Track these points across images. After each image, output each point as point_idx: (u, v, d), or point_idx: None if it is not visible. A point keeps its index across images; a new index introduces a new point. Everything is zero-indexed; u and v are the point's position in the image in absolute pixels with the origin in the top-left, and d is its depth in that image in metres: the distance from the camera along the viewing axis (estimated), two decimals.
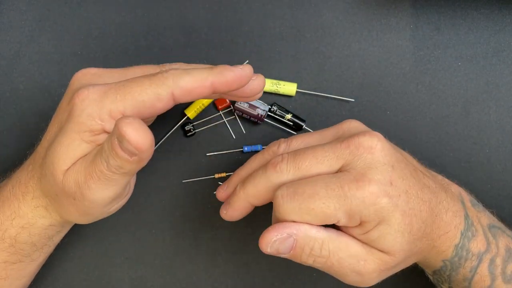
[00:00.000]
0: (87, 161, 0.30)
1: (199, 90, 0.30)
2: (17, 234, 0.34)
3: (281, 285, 0.43)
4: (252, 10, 0.44)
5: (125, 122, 0.26)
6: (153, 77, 0.30)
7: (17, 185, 0.34)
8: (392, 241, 0.30)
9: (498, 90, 0.44)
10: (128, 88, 0.29)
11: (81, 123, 0.30)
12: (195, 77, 0.30)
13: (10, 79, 0.44)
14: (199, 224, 0.43)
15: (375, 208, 0.29)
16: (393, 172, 0.30)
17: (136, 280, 0.43)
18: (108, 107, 0.29)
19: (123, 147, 0.27)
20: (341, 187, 0.29)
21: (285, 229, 0.30)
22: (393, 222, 0.30)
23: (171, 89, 0.29)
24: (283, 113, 0.43)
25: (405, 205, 0.30)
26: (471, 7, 0.44)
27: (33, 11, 0.44)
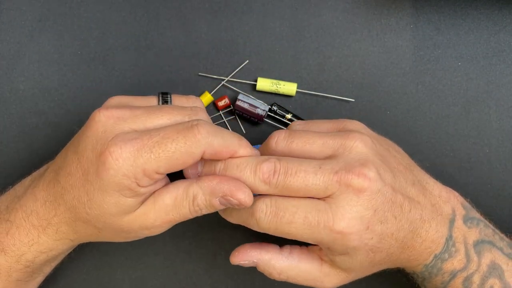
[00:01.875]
0: (166, 211, 0.31)
1: (222, 155, 0.31)
2: (35, 258, 0.34)
3: (281, 285, 0.43)
4: (252, 10, 0.44)
5: (238, 191, 0.30)
6: (188, 133, 0.29)
7: (33, 216, 0.33)
8: (352, 267, 0.33)
9: (498, 90, 0.44)
10: (163, 147, 0.29)
11: (118, 183, 0.29)
12: (227, 143, 0.31)
13: (10, 79, 0.44)
14: (199, 224, 0.43)
15: (343, 246, 0.31)
16: (374, 217, 0.31)
17: (136, 280, 0.43)
18: (142, 167, 0.29)
19: (225, 204, 0.31)
20: (318, 223, 0.31)
21: (248, 257, 0.34)
22: (355, 257, 0.32)
23: (204, 148, 0.29)
24: (283, 113, 0.43)
25: (374, 245, 0.31)
26: (471, 7, 0.44)
27: (33, 11, 0.44)
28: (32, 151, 0.43)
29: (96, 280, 0.43)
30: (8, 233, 0.33)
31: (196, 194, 0.31)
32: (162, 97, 0.34)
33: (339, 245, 0.31)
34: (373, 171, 0.31)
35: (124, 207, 0.31)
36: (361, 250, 0.31)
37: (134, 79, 0.44)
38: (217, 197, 0.31)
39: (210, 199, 0.31)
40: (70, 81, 0.44)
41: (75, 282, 0.43)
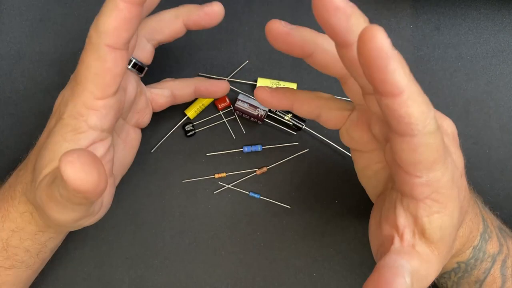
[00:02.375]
0: (48, 181, 0.28)
1: (122, 19, 0.27)
2: (8, 237, 0.34)
3: (281, 285, 0.43)
4: (252, 10, 0.44)
5: (65, 160, 0.22)
6: (84, 49, 0.29)
7: (7, 188, 0.34)
8: (439, 227, 0.25)
9: (498, 90, 0.44)
10: (80, 75, 0.28)
11: (65, 125, 0.29)
12: (107, 13, 0.27)
13: (10, 79, 0.44)
14: (199, 224, 0.43)
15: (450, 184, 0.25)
16: (458, 202, 0.26)
17: (136, 280, 0.43)
18: (80, 101, 0.28)
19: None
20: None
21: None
22: (448, 208, 0.25)
23: (102, 42, 0.28)
24: (283, 113, 0.43)
25: (456, 173, 0.26)
26: (471, 7, 0.44)
27: (33, 11, 0.44)
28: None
29: (96, 280, 0.43)
30: None
31: None
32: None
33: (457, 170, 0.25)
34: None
35: (56, 153, 0.29)
36: (454, 200, 0.25)
37: None
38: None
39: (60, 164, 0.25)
40: None
41: (75, 282, 0.43)
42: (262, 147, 0.43)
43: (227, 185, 0.43)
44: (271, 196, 0.43)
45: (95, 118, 0.29)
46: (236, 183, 0.43)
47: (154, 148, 0.43)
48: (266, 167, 0.43)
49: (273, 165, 0.43)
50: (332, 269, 0.43)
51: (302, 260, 0.43)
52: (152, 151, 0.43)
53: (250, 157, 0.43)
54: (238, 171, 0.43)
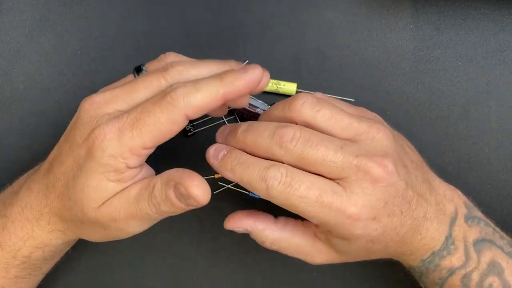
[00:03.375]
0: (128, 202, 0.31)
1: (211, 105, 0.29)
2: (31, 253, 0.34)
3: (281, 285, 0.43)
4: (252, 10, 0.44)
5: (194, 185, 0.29)
6: (162, 102, 0.29)
7: (27, 209, 0.34)
8: (346, 251, 0.33)
9: (498, 90, 0.44)
10: (142, 121, 0.29)
11: (104, 165, 0.30)
12: (206, 93, 0.29)
13: (10, 79, 0.44)
14: (199, 224, 0.43)
15: (347, 232, 0.31)
16: (383, 209, 0.31)
17: (136, 280, 0.43)
18: (128, 145, 0.29)
19: (182, 200, 0.30)
20: (331, 204, 0.30)
21: (243, 225, 0.34)
22: (354, 243, 0.32)
23: (184, 111, 0.29)
24: None
25: (375, 236, 0.31)
26: (471, 7, 0.44)
27: (33, 11, 0.44)
28: (32, 151, 0.43)
29: (96, 280, 0.43)
30: (4, 228, 0.34)
31: (155, 183, 0.30)
32: (136, 71, 0.35)
33: (344, 230, 0.31)
34: (391, 164, 0.31)
35: (104, 192, 0.30)
36: (362, 239, 0.31)
37: None
38: (172, 187, 0.30)
39: (165, 189, 0.30)
40: (70, 81, 0.44)
41: (75, 282, 0.43)
42: None
43: (227, 185, 0.43)
44: None
45: (135, 161, 0.30)
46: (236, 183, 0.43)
47: None
48: None
49: None
50: (332, 269, 0.43)
51: (302, 260, 0.43)
52: None
53: None
54: None
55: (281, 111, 0.33)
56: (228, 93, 0.29)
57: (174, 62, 0.32)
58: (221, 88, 0.29)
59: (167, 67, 0.32)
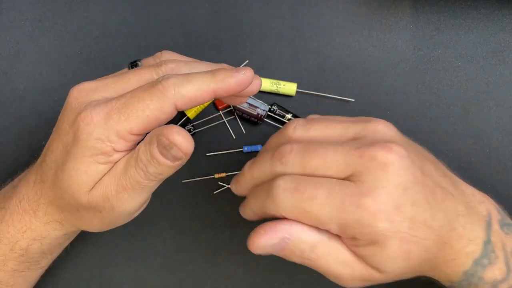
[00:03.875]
0: (117, 175, 0.30)
1: (201, 98, 0.30)
2: (28, 245, 0.34)
3: (281, 285, 0.43)
4: (252, 10, 0.44)
5: (173, 131, 0.28)
6: (153, 89, 0.29)
7: (25, 200, 0.34)
8: (383, 263, 0.29)
9: (498, 90, 0.44)
10: (130, 106, 0.29)
11: (91, 148, 0.29)
12: (197, 86, 0.29)
13: (10, 79, 0.44)
14: (199, 224, 0.43)
15: (371, 231, 0.28)
16: (403, 196, 0.28)
17: (136, 280, 0.43)
18: (114, 129, 0.29)
19: (167, 154, 0.29)
20: (343, 199, 0.28)
21: (277, 233, 0.29)
22: (388, 247, 0.28)
23: (173, 100, 0.29)
24: (283, 113, 0.43)
25: (406, 232, 0.28)
26: (471, 7, 0.44)
27: (33, 11, 0.44)
28: (32, 151, 0.43)
29: (96, 280, 0.43)
30: (3, 220, 0.34)
31: (139, 147, 0.30)
32: (131, 65, 0.35)
33: (366, 228, 0.27)
34: (399, 146, 0.28)
35: (94, 175, 0.30)
36: (393, 239, 0.28)
37: None
38: (154, 143, 0.29)
39: (149, 147, 0.29)
40: (70, 81, 0.44)
41: (75, 282, 0.43)
42: (262, 147, 0.43)
43: (227, 185, 0.43)
44: None
45: (122, 145, 0.30)
46: None
47: None
48: None
49: None
50: None
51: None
52: None
53: (250, 157, 0.43)
54: (238, 171, 0.43)
55: (277, 140, 0.33)
56: (218, 89, 0.30)
57: (168, 60, 0.32)
58: (213, 83, 0.29)
59: (160, 63, 0.32)
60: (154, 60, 0.34)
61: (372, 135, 0.31)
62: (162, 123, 0.30)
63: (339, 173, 0.29)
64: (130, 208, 0.32)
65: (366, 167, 0.28)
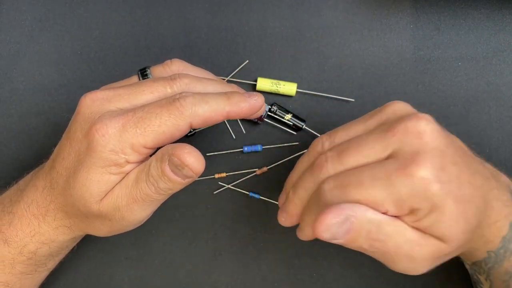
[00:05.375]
0: (128, 187, 0.31)
1: (215, 118, 0.31)
2: (37, 249, 0.35)
3: (281, 285, 0.43)
4: (252, 10, 0.44)
5: (185, 152, 0.29)
6: (171, 106, 0.30)
7: (33, 205, 0.34)
8: (447, 228, 0.28)
9: (498, 90, 0.44)
10: (147, 121, 0.30)
11: (105, 159, 0.30)
12: (213, 107, 0.31)
13: (10, 79, 0.44)
14: (199, 224, 0.43)
15: (426, 195, 0.28)
16: (444, 157, 0.28)
17: (136, 280, 0.43)
18: (129, 142, 0.30)
19: (178, 173, 0.30)
20: (388, 176, 0.28)
21: (342, 210, 0.28)
22: (446, 210, 0.28)
23: (190, 119, 0.30)
24: (283, 113, 0.43)
25: (457, 191, 0.28)
26: (471, 7, 0.44)
27: (33, 11, 0.44)
28: (32, 151, 0.43)
29: (96, 280, 0.43)
30: (11, 224, 0.34)
31: (150, 162, 0.31)
32: (141, 73, 0.36)
33: (420, 194, 0.27)
34: (425, 114, 0.30)
35: (106, 185, 0.31)
36: (448, 199, 0.28)
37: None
38: (166, 161, 0.30)
39: (160, 164, 0.30)
40: (70, 81, 0.44)
41: (75, 282, 0.43)
42: (262, 147, 0.43)
43: (227, 185, 0.43)
44: (271, 196, 0.43)
45: (135, 158, 0.31)
46: (236, 183, 0.43)
47: None
48: (266, 167, 0.43)
49: (273, 165, 0.43)
50: (332, 269, 0.43)
51: (302, 260, 0.43)
52: None
53: (250, 157, 0.43)
54: (238, 171, 0.43)
55: (308, 159, 0.34)
56: (232, 112, 0.31)
57: (181, 74, 0.33)
58: (227, 106, 0.31)
59: (174, 77, 0.33)
60: (164, 69, 0.35)
61: (394, 115, 0.31)
62: (175, 139, 0.31)
63: (379, 158, 0.29)
64: (139, 218, 0.33)
65: (402, 141, 0.29)
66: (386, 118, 0.32)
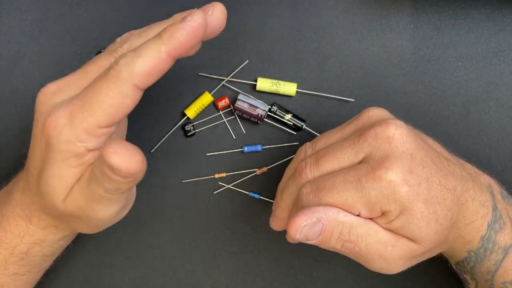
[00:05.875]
0: (83, 187, 0.29)
1: (159, 68, 0.28)
2: (28, 249, 0.34)
3: (281, 285, 0.43)
4: (252, 10, 0.44)
5: (108, 152, 0.25)
6: (106, 77, 0.27)
7: (18, 207, 0.34)
8: (418, 229, 0.30)
9: (498, 90, 0.44)
10: (91, 100, 0.28)
11: (63, 151, 0.28)
12: (148, 58, 0.27)
13: (10, 79, 0.44)
14: (199, 224, 0.43)
15: (395, 198, 0.29)
16: (413, 160, 0.30)
17: (136, 280, 0.43)
18: (81, 127, 0.28)
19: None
20: (358, 179, 0.29)
21: (314, 213, 0.29)
22: (416, 211, 0.29)
23: (130, 81, 0.27)
24: (283, 113, 0.43)
25: (426, 193, 0.29)
26: (471, 7, 0.44)
27: (33, 11, 0.44)
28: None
29: (96, 280, 0.43)
30: (0, 226, 0.34)
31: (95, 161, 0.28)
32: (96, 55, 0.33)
33: (389, 196, 0.29)
34: (396, 120, 0.31)
35: (67, 181, 0.29)
36: (417, 201, 0.29)
37: None
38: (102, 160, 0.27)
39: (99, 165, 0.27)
40: None
41: (75, 282, 0.43)
42: (262, 147, 0.43)
43: (227, 185, 0.43)
44: (271, 196, 0.43)
45: (94, 143, 0.29)
46: (236, 183, 0.43)
47: (154, 148, 0.43)
48: (266, 167, 0.43)
49: (273, 165, 0.43)
50: (332, 269, 0.43)
51: (302, 260, 0.43)
52: (152, 151, 0.43)
53: (250, 157, 0.43)
54: (238, 171, 0.43)
55: (293, 166, 0.35)
56: (171, 50, 0.27)
57: (123, 38, 0.31)
58: (162, 46, 0.27)
59: (116, 46, 0.31)
60: (115, 45, 0.33)
61: (368, 121, 0.32)
62: (130, 107, 0.28)
63: (352, 162, 0.31)
64: (105, 216, 0.31)
65: (373, 146, 0.30)
66: (362, 125, 0.33)
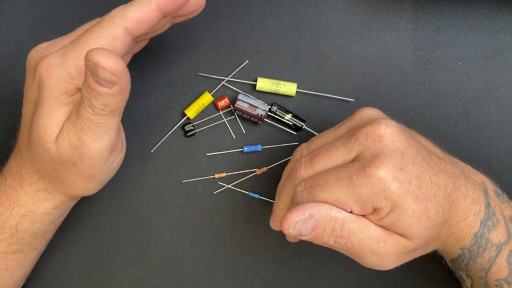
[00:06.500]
0: (73, 119, 0.31)
1: (149, 18, 0.31)
2: (17, 223, 0.35)
3: (281, 285, 0.43)
4: (252, 10, 0.44)
5: (93, 51, 0.27)
6: (101, 20, 0.31)
7: (10, 177, 0.35)
8: (409, 225, 0.30)
9: (498, 90, 0.44)
10: (84, 40, 0.30)
11: (54, 89, 0.30)
12: (139, 6, 0.31)
13: (10, 79, 0.44)
14: (199, 224, 0.43)
15: (385, 195, 0.29)
16: (403, 158, 0.30)
17: (136, 280, 0.43)
18: (73, 64, 0.30)
19: (100, 80, 0.28)
20: (350, 177, 0.30)
21: (307, 209, 0.30)
22: (406, 208, 0.30)
23: (122, 24, 0.30)
24: (283, 113, 0.43)
25: (417, 190, 0.30)
26: (471, 7, 0.44)
27: (33, 11, 0.44)
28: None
29: (96, 280, 0.43)
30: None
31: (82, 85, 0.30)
32: None
33: (380, 193, 0.29)
34: (388, 119, 0.31)
35: (58, 117, 0.31)
36: (407, 198, 0.30)
37: (134, 79, 0.44)
38: (88, 74, 0.28)
39: (86, 80, 0.28)
40: None
41: (75, 282, 0.43)
42: (262, 147, 0.43)
43: (227, 185, 0.43)
44: (271, 196, 0.43)
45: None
46: (236, 183, 0.43)
47: (154, 148, 0.43)
48: (266, 167, 0.43)
49: (273, 165, 0.43)
50: (332, 269, 0.43)
51: (302, 260, 0.43)
52: (152, 151, 0.43)
53: (250, 157, 0.43)
54: (238, 171, 0.43)
55: (290, 167, 0.36)
56: (161, 2, 0.31)
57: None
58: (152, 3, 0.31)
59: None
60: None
61: (361, 121, 0.33)
62: (120, 51, 0.31)
63: (345, 161, 0.32)
64: (97, 151, 0.31)
65: (364, 145, 0.31)
66: (355, 124, 0.34)
